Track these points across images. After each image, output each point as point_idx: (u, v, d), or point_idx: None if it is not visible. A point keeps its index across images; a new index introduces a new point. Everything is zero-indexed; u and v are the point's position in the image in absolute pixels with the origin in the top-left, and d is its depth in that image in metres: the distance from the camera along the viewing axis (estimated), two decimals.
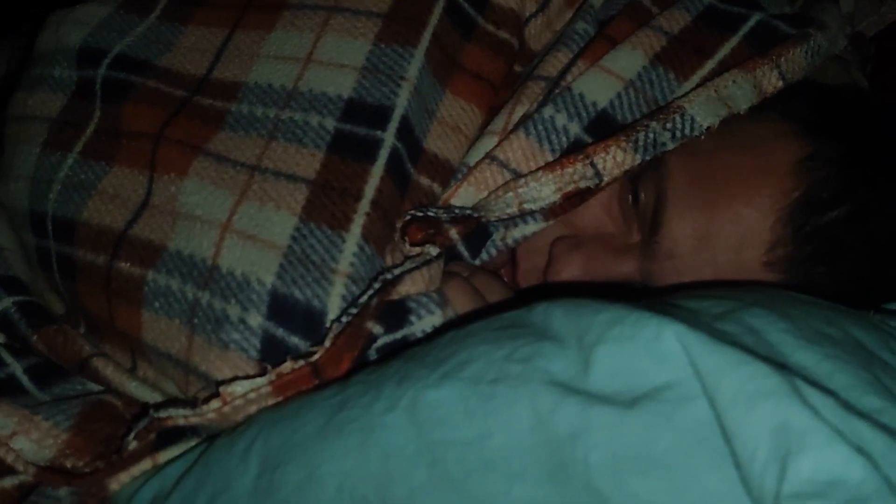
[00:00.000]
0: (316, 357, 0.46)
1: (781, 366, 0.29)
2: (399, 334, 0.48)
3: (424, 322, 0.48)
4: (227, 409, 0.46)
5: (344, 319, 0.47)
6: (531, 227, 0.54)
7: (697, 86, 0.55)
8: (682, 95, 0.54)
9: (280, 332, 0.49)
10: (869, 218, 0.51)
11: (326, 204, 0.51)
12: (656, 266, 0.52)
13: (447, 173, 0.56)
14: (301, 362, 0.46)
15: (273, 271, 0.49)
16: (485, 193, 0.54)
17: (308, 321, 0.49)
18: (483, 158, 0.55)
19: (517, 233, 0.54)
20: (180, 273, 0.51)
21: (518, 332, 0.39)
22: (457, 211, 0.53)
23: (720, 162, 0.52)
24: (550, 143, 0.55)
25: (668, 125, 0.52)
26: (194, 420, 0.47)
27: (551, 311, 0.39)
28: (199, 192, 0.53)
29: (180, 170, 0.54)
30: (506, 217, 0.53)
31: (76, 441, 0.49)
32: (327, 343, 0.46)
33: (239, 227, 0.51)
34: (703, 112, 0.52)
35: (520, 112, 0.57)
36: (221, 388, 0.46)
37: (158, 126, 0.56)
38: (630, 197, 0.54)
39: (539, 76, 0.58)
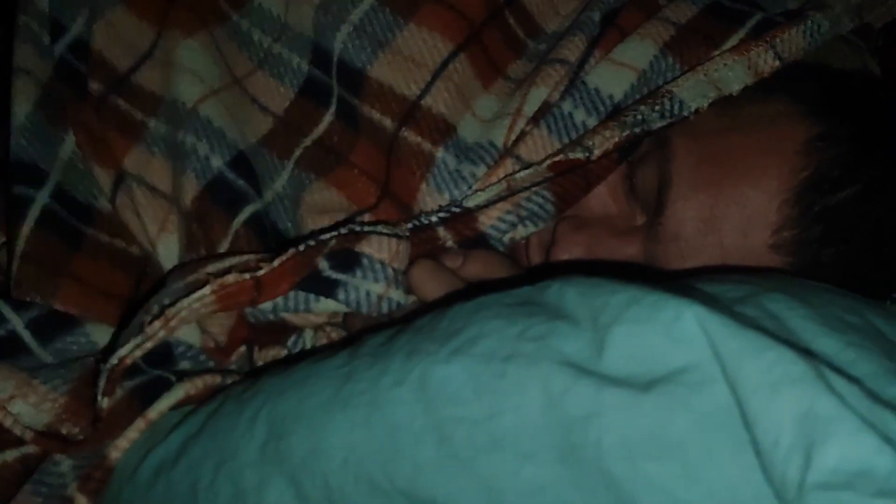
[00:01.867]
0: (261, 273, 0.46)
1: (806, 352, 0.28)
2: (336, 276, 0.47)
3: (365, 284, 0.48)
4: (173, 322, 0.45)
5: (301, 248, 0.48)
6: (533, 229, 0.53)
7: (691, 68, 0.53)
8: (673, 80, 0.53)
9: (231, 176, 0.55)
10: (878, 198, 0.49)
11: (281, 137, 0.58)
12: (661, 248, 0.50)
13: (398, 102, 0.56)
14: (246, 275, 0.46)
15: (234, 153, 0.56)
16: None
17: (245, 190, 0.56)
18: (506, 156, 0.54)
19: (520, 233, 0.53)
20: (168, 119, 0.57)
21: (531, 310, 0.37)
22: (452, 209, 0.52)
23: (726, 143, 0.50)
24: (570, 138, 0.54)
25: (657, 108, 0.51)
26: (148, 346, 0.46)
27: (565, 290, 0.37)
28: (198, 57, 0.57)
29: (186, 30, 0.58)
30: (505, 227, 0.52)
31: (73, 405, 0.48)
32: (276, 263, 0.47)
33: (223, 98, 0.57)
34: (690, 94, 0.51)
35: (534, 95, 0.55)
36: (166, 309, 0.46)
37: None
38: (633, 179, 0.53)
39: (555, 59, 0.56)
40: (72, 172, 0.58)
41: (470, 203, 0.52)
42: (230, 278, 0.46)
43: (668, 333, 0.30)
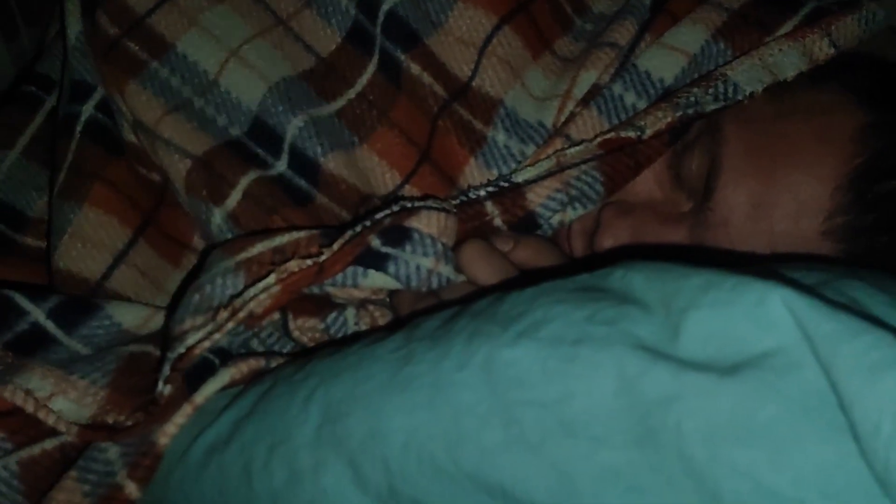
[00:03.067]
0: (323, 258, 0.46)
1: None
2: (386, 250, 0.47)
3: (415, 258, 0.47)
4: (242, 314, 0.45)
5: (357, 229, 0.47)
6: (581, 211, 0.52)
7: (742, 53, 0.53)
8: (726, 63, 0.52)
9: (252, 144, 0.55)
10: None
11: (324, 80, 0.57)
12: (709, 234, 0.49)
13: (451, 79, 0.56)
14: (309, 262, 0.46)
15: (258, 99, 0.55)
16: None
17: (272, 142, 0.55)
18: (556, 135, 0.53)
19: (569, 216, 0.52)
20: (181, 74, 0.56)
21: (597, 295, 0.35)
22: (501, 184, 0.51)
23: (778, 130, 0.49)
24: (620, 120, 0.53)
25: (711, 91, 0.50)
26: (217, 337, 0.45)
27: (631, 276, 0.36)
28: (225, 19, 0.56)
29: None
30: (555, 205, 0.51)
31: (115, 396, 0.46)
32: (336, 247, 0.46)
33: (245, 54, 0.56)
34: (745, 78, 0.50)
35: (584, 77, 0.55)
36: (234, 300, 0.45)
37: None
38: (682, 164, 0.51)
39: (605, 43, 0.55)
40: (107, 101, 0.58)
41: (519, 178, 0.51)
42: (293, 265, 0.45)
43: (752, 317, 0.29)
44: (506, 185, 0.51)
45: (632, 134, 0.50)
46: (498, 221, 0.51)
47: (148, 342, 0.51)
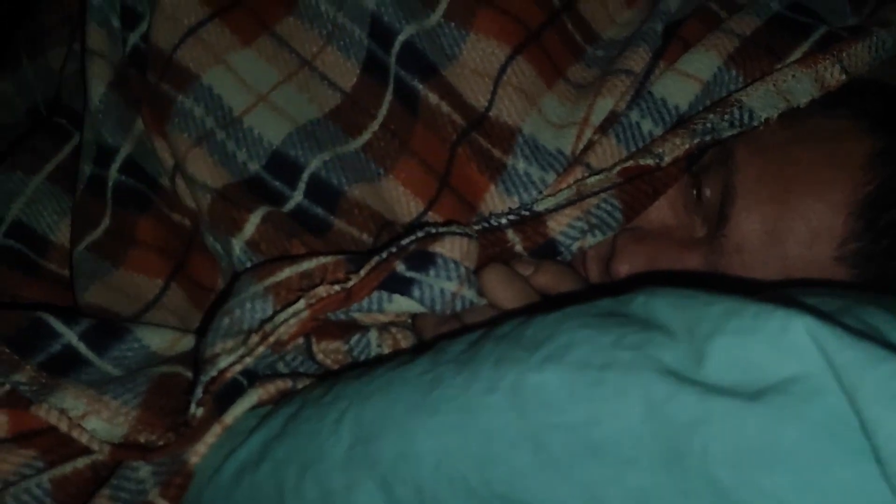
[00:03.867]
0: (351, 284, 0.47)
1: None
2: (411, 274, 0.47)
3: (439, 282, 0.47)
4: (272, 338, 0.46)
5: (383, 255, 0.48)
6: (601, 237, 0.53)
7: (755, 79, 0.53)
8: (740, 89, 0.53)
9: (269, 178, 0.56)
10: None
11: (350, 115, 0.58)
12: (724, 260, 0.50)
13: (468, 110, 0.56)
14: (336, 287, 0.47)
15: (281, 137, 0.57)
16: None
17: (289, 175, 0.56)
18: (576, 164, 0.54)
19: (588, 242, 0.53)
20: (205, 104, 0.57)
21: (621, 321, 0.37)
22: (522, 213, 0.52)
23: (790, 157, 0.50)
24: (637, 148, 0.54)
25: (727, 117, 0.51)
26: (248, 361, 0.46)
27: (653, 302, 0.37)
28: (253, 63, 0.58)
29: (244, 38, 0.58)
30: (575, 233, 0.52)
31: (146, 416, 0.47)
32: (363, 273, 0.47)
33: (273, 99, 0.58)
34: (760, 104, 0.51)
35: (600, 104, 0.56)
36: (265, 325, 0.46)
37: None
38: (695, 191, 0.52)
39: (620, 70, 0.56)
40: (141, 148, 0.60)
41: (540, 207, 0.52)
42: (322, 291, 0.46)
43: (775, 344, 0.30)
44: (527, 213, 0.52)
45: (650, 162, 0.51)
46: (519, 248, 0.52)
47: (177, 363, 0.52)
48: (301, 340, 0.51)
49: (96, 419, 0.47)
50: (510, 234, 0.52)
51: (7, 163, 0.63)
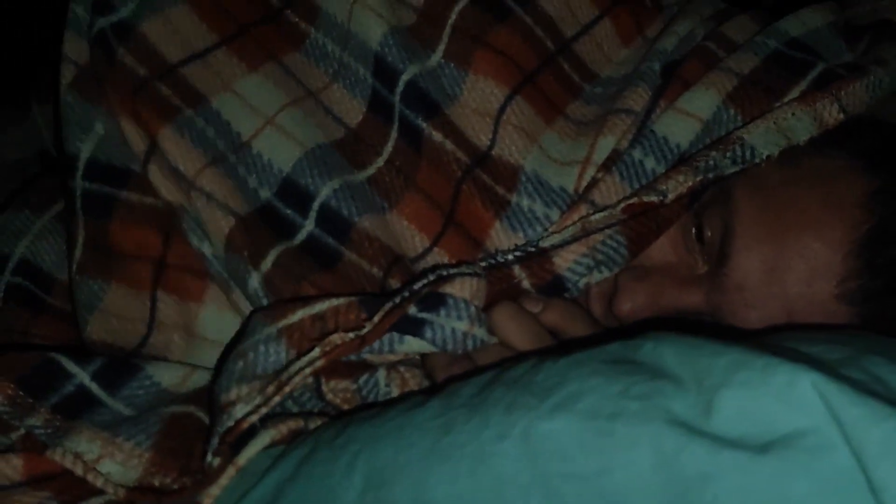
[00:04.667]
0: (365, 332, 0.47)
1: None
2: (422, 315, 0.48)
3: (450, 322, 0.48)
4: (288, 388, 0.46)
5: (397, 300, 0.48)
6: (607, 274, 0.54)
7: (755, 117, 0.54)
8: (741, 126, 0.54)
9: (281, 207, 0.56)
10: None
11: (354, 149, 0.58)
12: (725, 298, 0.51)
13: (471, 148, 0.57)
14: (351, 335, 0.47)
15: (291, 164, 0.56)
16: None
17: (300, 202, 0.56)
18: (580, 201, 0.55)
19: (595, 278, 0.53)
20: (216, 127, 0.56)
21: (629, 368, 0.37)
22: (529, 249, 0.53)
23: (788, 196, 0.51)
24: (640, 185, 0.55)
25: (728, 154, 0.52)
26: (264, 411, 0.46)
27: (661, 350, 0.38)
28: (260, 87, 0.58)
29: (250, 65, 0.58)
30: (581, 269, 0.53)
31: (159, 458, 0.48)
32: (376, 319, 0.47)
33: (280, 122, 0.57)
34: (761, 142, 0.52)
35: (602, 143, 0.57)
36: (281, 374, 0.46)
37: (250, 24, 0.59)
38: (695, 229, 0.53)
39: (620, 109, 0.57)
40: (107, 143, 0.58)
41: (546, 243, 0.53)
42: (337, 339, 0.47)
43: (782, 398, 0.31)
44: (533, 249, 0.53)
45: (654, 198, 0.51)
46: (526, 284, 0.53)
47: (188, 402, 0.52)
48: (310, 379, 0.51)
49: (111, 462, 0.47)
50: (517, 270, 0.53)
51: (17, 202, 0.64)
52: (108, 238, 0.57)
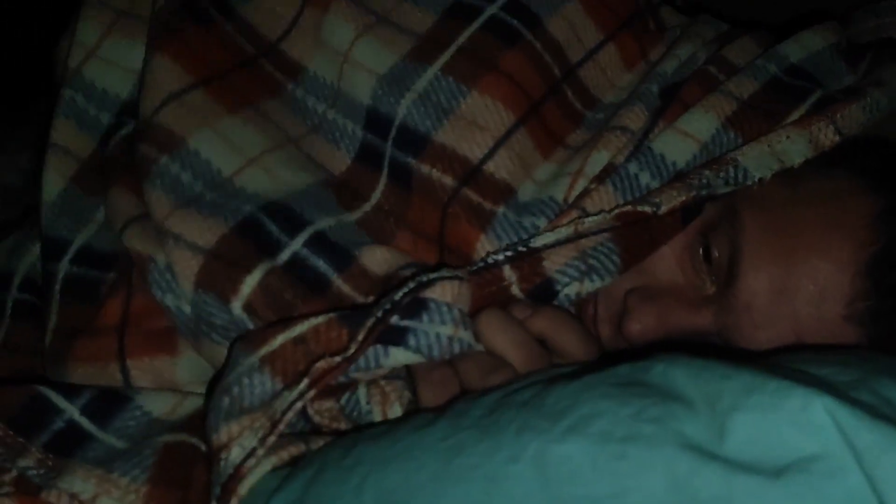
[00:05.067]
0: (351, 352, 0.46)
1: None
2: (404, 323, 0.47)
3: (433, 327, 0.47)
4: (281, 426, 0.45)
5: (379, 314, 0.48)
6: (599, 283, 0.53)
7: (751, 140, 0.55)
8: (736, 148, 0.54)
9: (266, 221, 0.55)
10: None
11: (339, 193, 0.59)
12: (733, 318, 0.51)
13: (460, 163, 0.57)
14: (338, 359, 0.46)
15: (282, 193, 0.56)
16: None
17: (290, 222, 0.55)
18: (571, 208, 0.55)
19: (586, 287, 0.53)
20: (193, 170, 0.56)
21: (640, 391, 0.37)
22: (519, 248, 0.53)
23: (795, 216, 0.51)
24: (634, 197, 0.55)
25: (722, 174, 0.52)
26: (261, 453, 0.45)
27: (672, 372, 0.38)
28: (240, 129, 0.58)
29: (230, 108, 0.58)
30: (572, 273, 0.52)
31: (156, 492, 0.47)
32: (360, 337, 0.47)
33: (265, 163, 0.57)
34: (754, 164, 0.53)
35: (596, 158, 0.57)
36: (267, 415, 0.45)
37: (225, 70, 0.60)
38: (703, 250, 0.53)
39: (615, 127, 0.58)
40: (103, 231, 0.60)
41: (537, 243, 0.53)
42: (323, 365, 0.46)
43: (795, 422, 0.31)
44: (524, 249, 0.53)
45: (648, 209, 0.52)
46: (515, 289, 0.52)
47: (181, 430, 0.51)
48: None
49: (107, 500, 0.47)
50: (507, 271, 0.52)
51: (28, 221, 0.64)
52: (85, 322, 0.57)
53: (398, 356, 0.48)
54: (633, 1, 0.64)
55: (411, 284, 0.49)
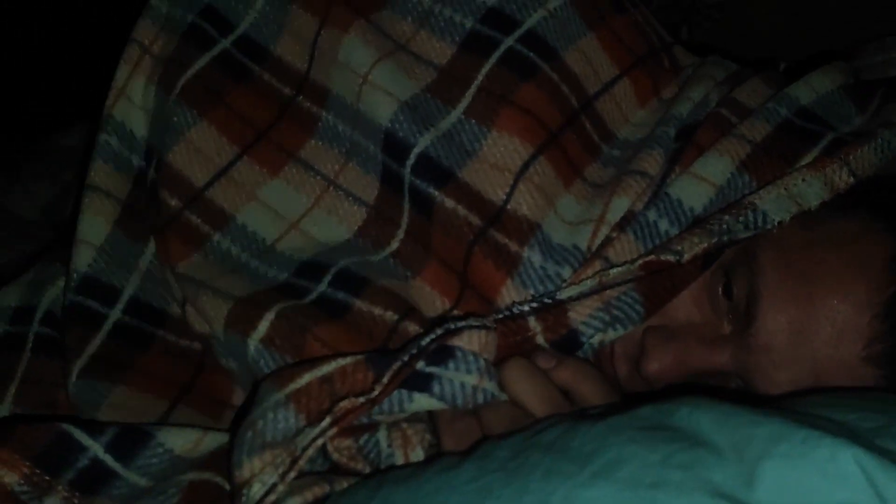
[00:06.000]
0: (375, 394, 0.47)
1: None
2: (429, 370, 0.48)
3: (458, 375, 0.48)
4: (301, 462, 0.46)
5: (405, 359, 0.48)
6: (622, 332, 0.54)
7: (767, 183, 0.55)
8: (753, 192, 0.55)
9: (296, 281, 0.59)
10: None
11: (375, 229, 0.62)
12: (752, 358, 0.52)
13: (485, 205, 0.58)
14: (361, 399, 0.47)
15: (312, 254, 0.60)
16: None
17: (316, 274, 0.59)
18: (594, 257, 0.56)
19: (609, 336, 0.54)
20: (241, 243, 0.61)
21: (667, 436, 0.38)
22: (545, 301, 0.54)
23: (813, 258, 0.52)
24: (653, 245, 0.56)
25: (741, 219, 0.53)
26: (281, 489, 0.46)
27: (698, 417, 0.39)
28: (282, 192, 0.62)
29: (272, 170, 0.62)
30: (597, 324, 0.53)
31: None
32: (385, 380, 0.48)
33: (305, 227, 0.61)
34: (773, 207, 0.53)
35: (616, 203, 0.58)
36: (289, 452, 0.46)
37: (267, 126, 0.63)
38: (720, 289, 0.54)
39: (635, 171, 0.59)
40: (149, 281, 0.62)
41: (563, 295, 0.54)
42: (347, 405, 0.47)
43: (824, 471, 0.32)
44: (549, 301, 0.54)
45: (672, 258, 0.53)
46: (541, 339, 0.53)
47: (205, 468, 0.52)
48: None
49: None
50: (532, 322, 0.53)
51: (50, 255, 0.66)
52: (135, 363, 0.60)
53: (422, 402, 0.49)
54: (647, 39, 0.65)
55: (439, 331, 0.50)
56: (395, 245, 0.61)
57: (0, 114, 0.91)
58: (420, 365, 0.49)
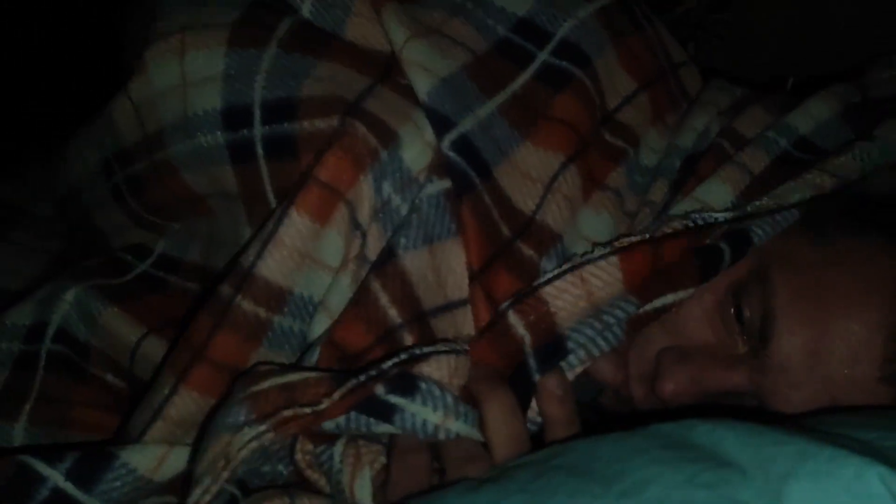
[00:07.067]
0: (322, 407, 0.47)
1: None
2: (393, 400, 0.47)
3: (422, 411, 0.48)
4: (234, 463, 0.46)
5: (361, 378, 0.48)
6: (612, 342, 0.53)
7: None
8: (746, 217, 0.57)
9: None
10: None
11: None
12: (768, 379, 0.53)
13: (516, 215, 0.57)
14: (306, 410, 0.47)
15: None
16: None
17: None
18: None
19: (600, 345, 0.53)
20: (301, 319, 0.55)
21: (691, 455, 0.39)
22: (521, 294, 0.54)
23: (826, 279, 0.53)
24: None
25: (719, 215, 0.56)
26: (214, 490, 0.46)
27: (720, 435, 0.39)
28: (334, 243, 0.55)
29: (322, 225, 0.55)
30: (587, 331, 0.52)
31: None
32: (336, 396, 0.48)
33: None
34: (759, 231, 0.55)
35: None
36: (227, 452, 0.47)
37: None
38: (734, 310, 0.55)
39: (646, 202, 0.62)
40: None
41: (540, 285, 0.54)
42: (289, 413, 0.47)
43: (851, 491, 0.33)
44: (526, 293, 0.54)
45: (643, 236, 0.55)
46: (527, 347, 0.52)
47: (166, 491, 0.52)
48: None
49: None
50: (511, 317, 0.53)
51: (65, 274, 0.66)
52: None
53: (384, 427, 0.49)
54: (658, 61, 0.66)
55: (403, 356, 0.50)
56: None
57: (0, 114, 0.91)
58: (381, 391, 0.48)
